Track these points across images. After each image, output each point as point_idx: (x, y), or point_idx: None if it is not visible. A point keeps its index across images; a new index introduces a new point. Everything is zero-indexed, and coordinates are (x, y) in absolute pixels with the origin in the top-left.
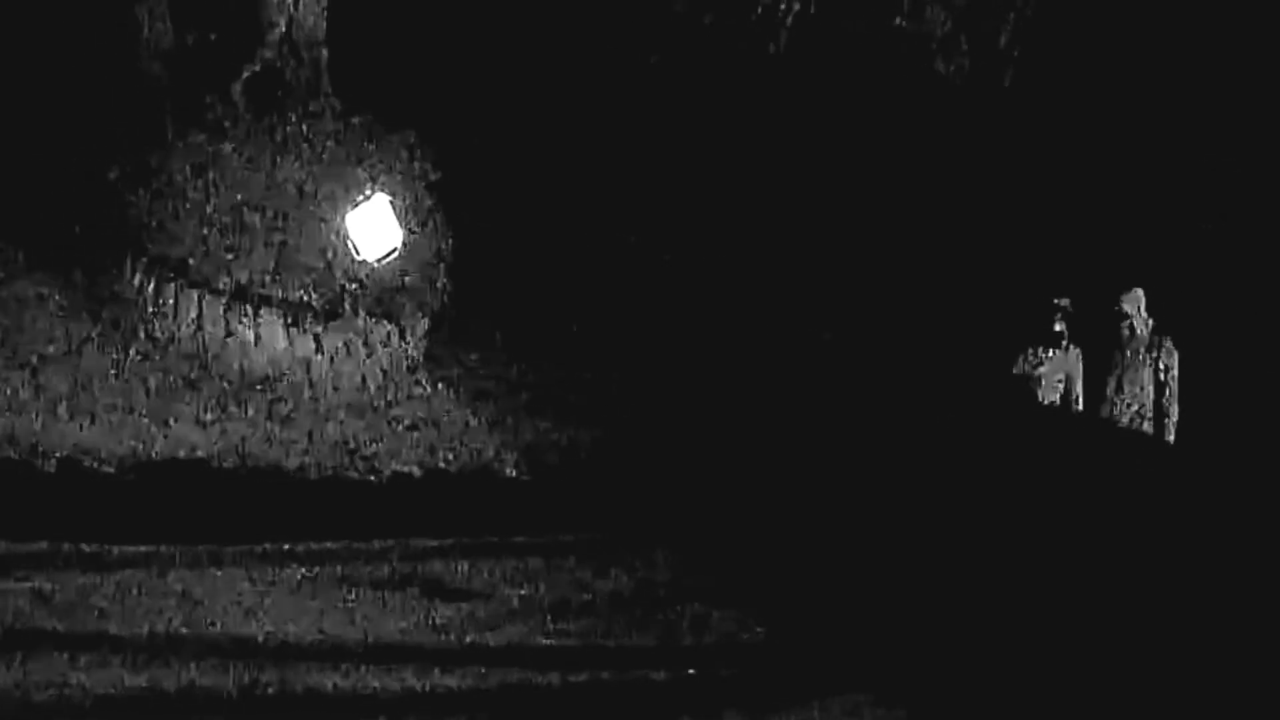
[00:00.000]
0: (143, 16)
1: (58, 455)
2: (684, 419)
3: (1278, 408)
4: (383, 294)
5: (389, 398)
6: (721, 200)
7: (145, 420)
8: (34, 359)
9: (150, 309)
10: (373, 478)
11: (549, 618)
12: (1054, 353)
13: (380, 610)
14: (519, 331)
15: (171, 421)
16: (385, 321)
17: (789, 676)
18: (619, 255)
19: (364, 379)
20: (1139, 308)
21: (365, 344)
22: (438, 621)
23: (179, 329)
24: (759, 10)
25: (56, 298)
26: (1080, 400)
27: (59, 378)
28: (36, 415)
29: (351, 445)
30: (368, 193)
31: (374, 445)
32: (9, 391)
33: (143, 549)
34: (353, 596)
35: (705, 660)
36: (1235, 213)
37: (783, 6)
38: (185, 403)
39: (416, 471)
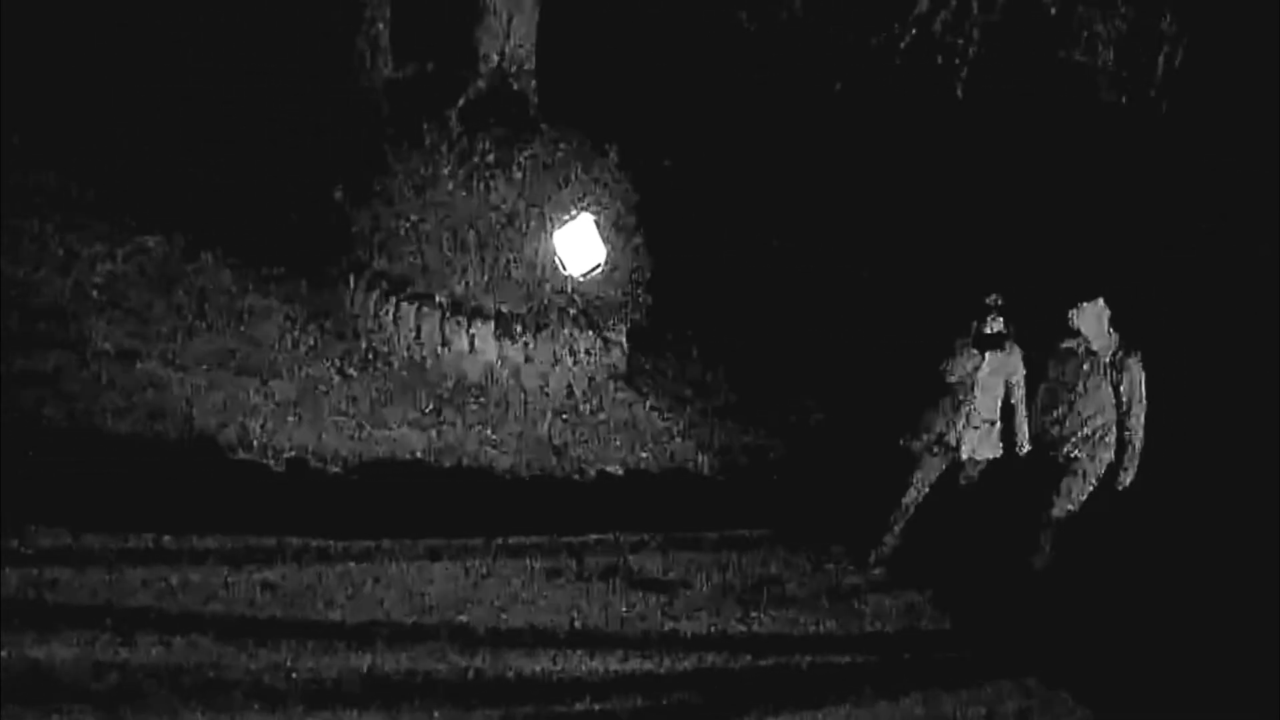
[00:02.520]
0: (365, 49)
1: (286, 456)
2: (864, 422)
3: (1249, 421)
4: (587, 306)
5: (593, 403)
6: (901, 219)
7: (366, 424)
8: (264, 367)
9: (370, 320)
10: (578, 477)
11: (741, 606)
12: (991, 355)
13: (585, 600)
14: (713, 342)
15: (391, 425)
16: (589, 332)
17: (963, 659)
18: (807, 268)
19: (570, 386)
20: (1099, 318)
21: (571, 353)
22: (638, 610)
23: (397, 339)
24: (938, 39)
25: (285, 310)
26: (1023, 405)
27: (287, 384)
28: (267, 419)
29: (558, 447)
30: (574, 212)
31: (579, 447)
32: (241, 397)
33: (365, 543)
34: (560, 587)
35: (885, 645)
36: (1207, 220)
37: (960, 42)
38: (404, 407)
39: (619, 471)
